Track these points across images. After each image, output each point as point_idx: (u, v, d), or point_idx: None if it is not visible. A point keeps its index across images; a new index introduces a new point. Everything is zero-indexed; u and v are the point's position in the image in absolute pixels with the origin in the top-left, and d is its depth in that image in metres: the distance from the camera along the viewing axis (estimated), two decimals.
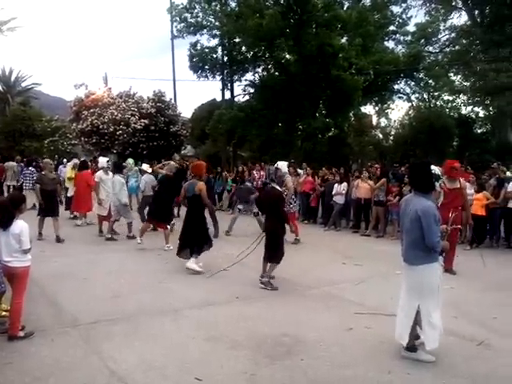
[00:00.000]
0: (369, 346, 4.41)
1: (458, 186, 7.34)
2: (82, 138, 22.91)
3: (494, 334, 4.73)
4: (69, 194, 12.68)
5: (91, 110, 22.12)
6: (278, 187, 6.54)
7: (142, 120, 22.25)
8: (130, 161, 13.83)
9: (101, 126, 21.66)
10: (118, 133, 21.68)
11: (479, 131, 24.67)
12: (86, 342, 4.34)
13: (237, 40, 23.13)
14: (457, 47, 26.22)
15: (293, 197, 9.95)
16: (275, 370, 3.86)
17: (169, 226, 8.72)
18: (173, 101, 25.09)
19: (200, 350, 4.23)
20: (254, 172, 14.84)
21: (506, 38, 21.52)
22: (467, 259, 8.35)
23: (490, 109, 22.37)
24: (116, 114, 21.75)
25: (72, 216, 12.30)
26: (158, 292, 5.99)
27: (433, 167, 4.69)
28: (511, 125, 21.20)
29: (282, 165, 9.60)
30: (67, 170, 13.63)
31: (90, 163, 13.71)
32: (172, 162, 10.92)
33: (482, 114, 24.70)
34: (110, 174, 10.35)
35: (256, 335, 4.57)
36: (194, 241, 7.02)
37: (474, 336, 4.58)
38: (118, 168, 10.38)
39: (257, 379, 3.70)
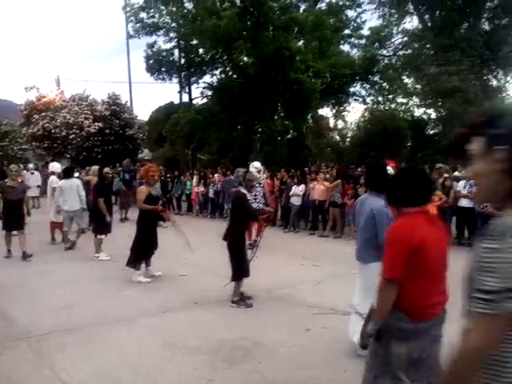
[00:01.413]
0: (326, 346, 4.47)
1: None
2: (33, 143, 22.13)
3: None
4: None
5: (43, 114, 21.41)
6: (243, 191, 5.93)
7: (96, 123, 21.73)
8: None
9: (53, 130, 21.00)
10: (70, 137, 21.09)
11: (431, 132, 25.52)
12: (37, 355, 4.19)
13: (194, 42, 22.98)
14: (409, 51, 27.11)
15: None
16: (233, 375, 3.84)
17: (100, 236, 8.34)
18: (129, 103, 24.66)
19: (157, 357, 4.16)
20: (216, 175, 14.87)
21: (455, 41, 22.44)
22: None
23: (441, 110, 23.19)
24: (69, 117, 21.13)
25: None
26: (113, 300, 5.86)
27: (387, 168, 4.85)
28: (460, 126, 22.07)
29: (257, 166, 9.58)
30: None
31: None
32: (94, 167, 10.58)
33: (433, 115, 25.60)
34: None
35: (214, 340, 4.54)
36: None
37: None
38: (68, 172, 9.69)
39: None
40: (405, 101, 27.27)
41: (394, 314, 2.57)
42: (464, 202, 9.86)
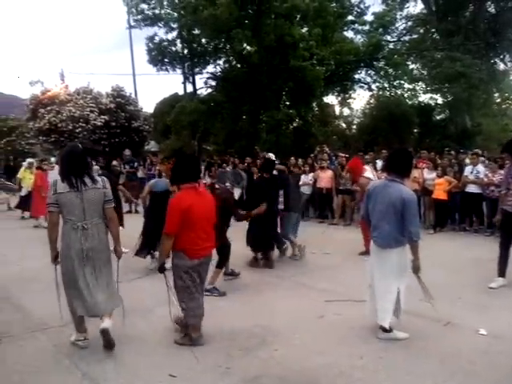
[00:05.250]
0: (340, 332, 4.49)
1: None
2: (40, 137, 22.17)
3: (459, 314, 4.91)
4: (22, 193, 12.77)
5: (48, 108, 21.36)
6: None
7: (102, 116, 21.69)
8: None
9: (59, 124, 20.95)
10: (77, 130, 21.04)
11: (438, 118, 25.35)
12: (56, 346, 4.24)
13: (196, 32, 22.86)
14: (414, 36, 26.80)
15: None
16: (249, 362, 3.88)
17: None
18: (133, 95, 24.60)
19: (172, 346, 4.20)
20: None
21: (459, 26, 22.17)
22: (430, 243, 8.60)
23: (447, 96, 23.01)
24: (74, 111, 21.10)
25: (22, 216, 12.53)
26: (129, 291, 5.86)
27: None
28: (467, 111, 21.87)
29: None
30: (20, 171, 13.38)
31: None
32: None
33: (440, 101, 25.42)
34: None
35: (228, 328, 4.57)
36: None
37: (440, 317, 4.73)
38: None
39: (231, 372, 3.71)
40: (411, 86, 27.06)
41: (177, 255, 4.05)
42: (471, 188, 9.81)
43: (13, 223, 11.91)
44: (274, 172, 7.53)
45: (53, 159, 17.10)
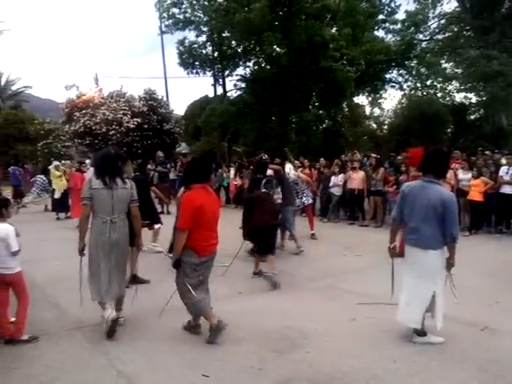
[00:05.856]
0: (372, 335, 4.44)
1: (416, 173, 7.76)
2: (76, 140, 22.82)
3: (497, 318, 4.77)
4: (56, 196, 13.15)
5: (83, 111, 21.97)
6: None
7: (135, 119, 22.14)
8: None
9: (93, 127, 21.53)
10: (110, 133, 21.57)
11: (472, 117, 24.71)
12: (91, 344, 4.33)
13: (226, 35, 22.99)
14: (447, 34, 26.19)
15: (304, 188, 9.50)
16: (281, 364, 3.87)
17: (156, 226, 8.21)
18: (165, 98, 24.98)
19: (205, 346, 4.23)
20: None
21: (495, 23, 21.54)
22: (466, 246, 8.39)
23: (482, 95, 22.39)
24: (108, 114, 21.62)
25: (57, 217, 13.05)
26: (160, 290, 5.95)
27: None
28: (505, 110, 21.23)
29: (290, 167, 9.40)
30: (51, 173, 13.72)
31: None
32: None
33: (474, 100, 24.75)
34: None
35: (260, 329, 4.58)
36: None
37: (476, 321, 4.61)
38: None
39: (263, 373, 3.71)
40: (444, 86, 26.45)
41: (187, 252, 4.19)
42: (507, 189, 9.52)
43: (50, 224, 12.28)
44: (270, 172, 7.69)
45: (87, 161, 17.49)
